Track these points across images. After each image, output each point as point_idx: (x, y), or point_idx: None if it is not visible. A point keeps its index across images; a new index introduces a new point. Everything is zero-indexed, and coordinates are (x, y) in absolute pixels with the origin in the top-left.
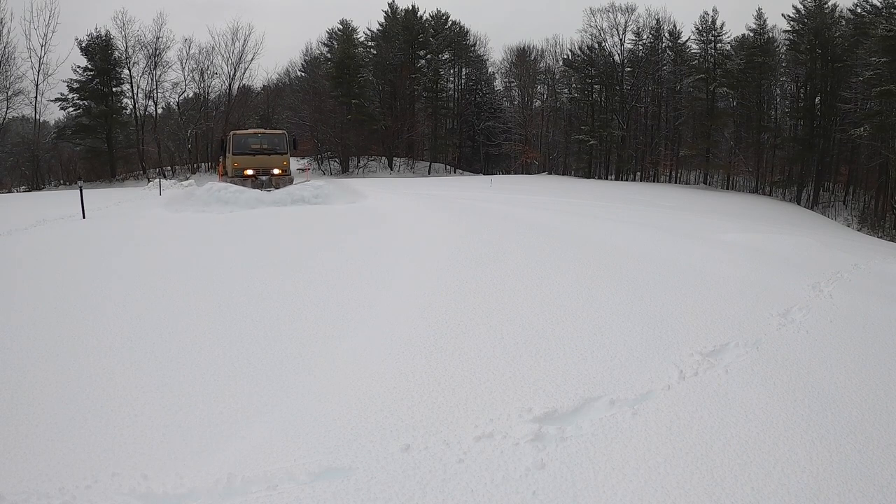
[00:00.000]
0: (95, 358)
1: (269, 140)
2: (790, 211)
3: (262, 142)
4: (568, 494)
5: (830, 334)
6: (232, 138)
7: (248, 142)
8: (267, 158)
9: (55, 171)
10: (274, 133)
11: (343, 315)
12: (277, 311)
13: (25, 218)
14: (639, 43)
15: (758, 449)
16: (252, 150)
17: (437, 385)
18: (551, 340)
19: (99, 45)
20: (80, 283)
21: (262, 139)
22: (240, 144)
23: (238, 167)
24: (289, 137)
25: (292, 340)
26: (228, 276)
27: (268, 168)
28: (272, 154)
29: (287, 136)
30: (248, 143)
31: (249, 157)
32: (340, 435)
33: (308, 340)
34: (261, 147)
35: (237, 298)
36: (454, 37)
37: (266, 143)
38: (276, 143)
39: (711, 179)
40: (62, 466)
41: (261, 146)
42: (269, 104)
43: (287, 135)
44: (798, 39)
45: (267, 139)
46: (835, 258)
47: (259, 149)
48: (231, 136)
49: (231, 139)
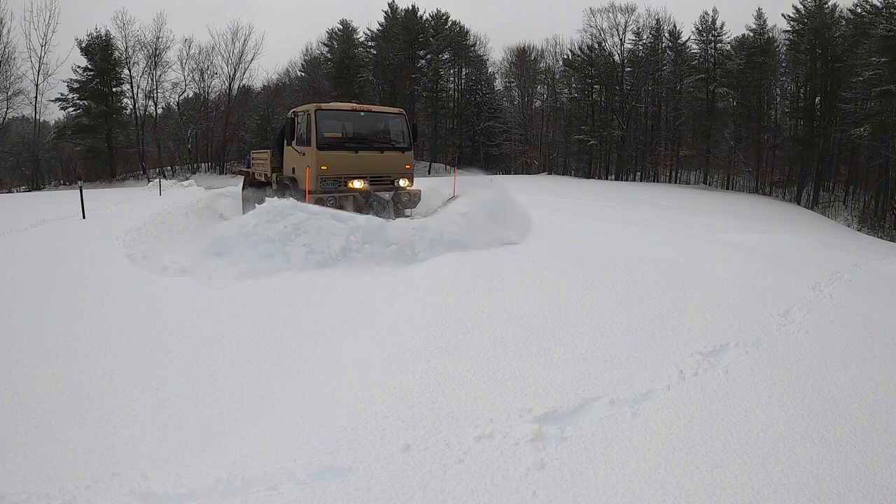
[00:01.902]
0: (95, 358)
1: (380, 124)
2: (790, 211)
3: (369, 127)
4: (568, 494)
5: (830, 334)
6: (315, 117)
7: (345, 126)
8: (380, 158)
9: (55, 171)
10: (388, 112)
11: (343, 318)
12: (277, 309)
13: (25, 218)
14: (639, 43)
15: (758, 449)
16: (355, 140)
17: (437, 385)
18: (551, 340)
19: (99, 45)
20: (80, 283)
21: (369, 121)
22: (331, 128)
23: (329, 171)
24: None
25: (293, 341)
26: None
27: (382, 175)
28: (387, 150)
29: (406, 118)
30: (346, 129)
31: (349, 156)
32: (340, 435)
33: (309, 341)
34: (368, 136)
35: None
36: (454, 37)
37: (376, 131)
38: (391, 129)
39: (711, 179)
40: (62, 466)
41: (368, 135)
42: (269, 104)
43: (406, 116)
44: (798, 39)
45: (377, 122)
46: (835, 258)
47: (365, 139)
48: (313, 112)
49: (313, 118)
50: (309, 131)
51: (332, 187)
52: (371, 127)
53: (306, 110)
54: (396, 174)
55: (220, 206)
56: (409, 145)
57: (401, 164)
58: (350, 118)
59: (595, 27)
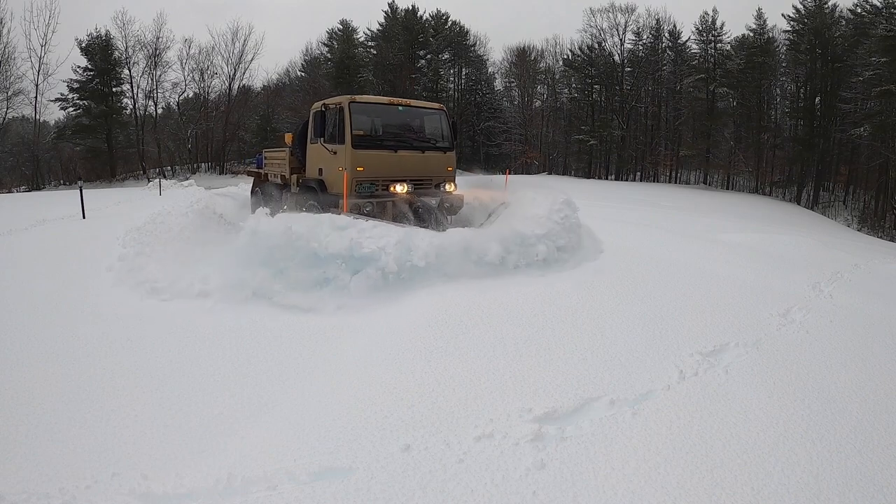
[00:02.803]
0: (95, 358)
1: (419, 120)
2: (790, 211)
3: (407, 123)
4: (568, 494)
5: (830, 334)
6: (349, 110)
7: (382, 122)
8: (421, 159)
9: (55, 171)
10: (428, 108)
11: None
12: (276, 309)
13: (25, 218)
14: (639, 43)
15: (758, 449)
16: (393, 138)
17: (437, 385)
18: (551, 340)
19: (99, 45)
20: (80, 283)
21: (407, 117)
22: (366, 124)
23: (365, 173)
24: (449, 117)
25: (293, 341)
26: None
27: (423, 178)
28: (428, 149)
29: (446, 113)
30: (383, 125)
31: (387, 156)
32: (340, 435)
33: (309, 341)
34: (407, 134)
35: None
36: (454, 37)
37: (415, 128)
38: (431, 126)
39: (711, 179)
40: (62, 466)
41: (407, 132)
42: (269, 104)
43: (446, 112)
44: (798, 39)
45: (416, 118)
46: (835, 258)
47: (404, 137)
48: (347, 105)
49: (346, 113)
50: (341, 127)
51: (369, 192)
52: (410, 123)
53: (338, 103)
54: (438, 176)
55: (220, 206)
56: (451, 144)
57: (443, 166)
58: (387, 113)
59: (595, 27)
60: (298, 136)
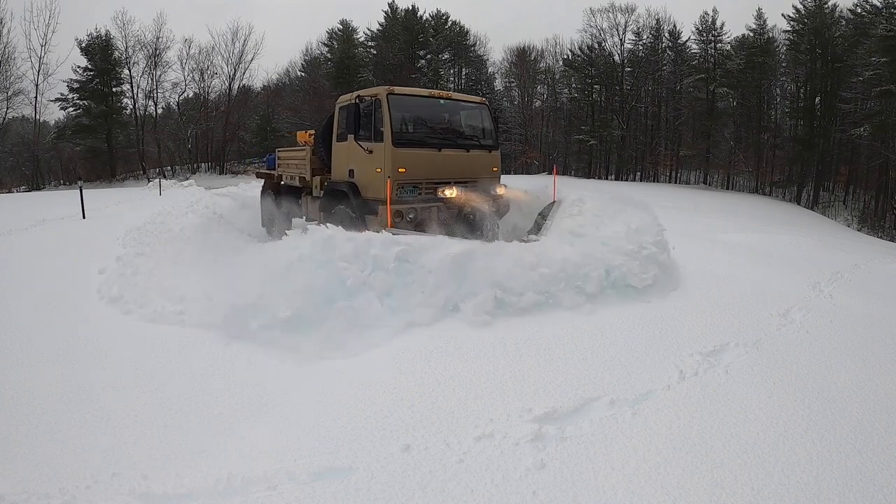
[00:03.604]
0: (95, 358)
1: (462, 115)
2: (790, 211)
3: (450, 118)
4: (568, 494)
5: (830, 334)
6: (388, 103)
7: (425, 116)
8: (466, 159)
9: (55, 171)
10: (470, 101)
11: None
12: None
13: (26, 218)
14: (639, 43)
15: (758, 449)
16: (436, 135)
17: (437, 385)
18: (551, 340)
19: (99, 45)
20: (81, 283)
21: (450, 111)
22: (407, 119)
23: (407, 175)
24: (492, 112)
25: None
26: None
27: (467, 180)
28: (473, 147)
29: (489, 108)
30: (427, 121)
31: (431, 156)
32: (340, 435)
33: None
34: (450, 130)
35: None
36: (454, 37)
37: (458, 123)
38: (475, 122)
39: (711, 179)
40: (62, 466)
41: (450, 128)
42: (269, 104)
43: (489, 106)
44: (798, 39)
45: (459, 112)
46: (835, 258)
47: (447, 134)
48: (384, 97)
49: (385, 105)
50: (379, 122)
51: (411, 196)
52: (452, 118)
53: (374, 95)
54: (483, 178)
55: (220, 206)
56: (495, 142)
57: (488, 166)
58: (428, 107)
59: (595, 27)
60: (322, 134)
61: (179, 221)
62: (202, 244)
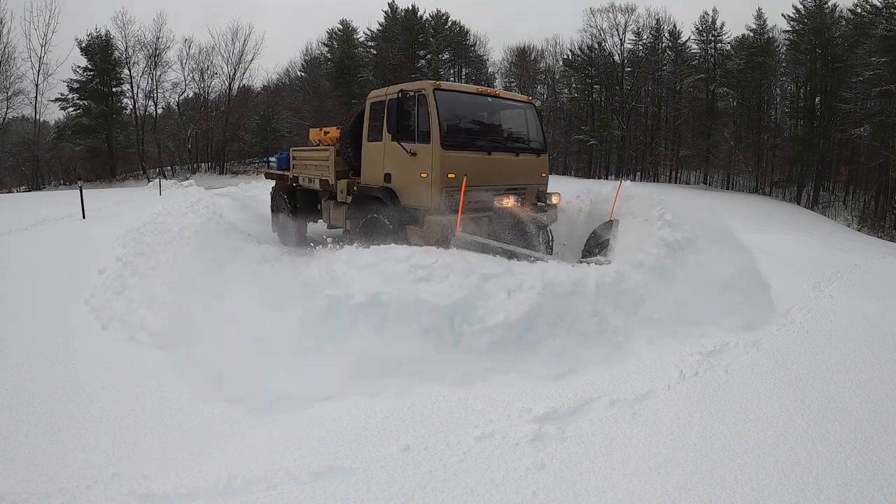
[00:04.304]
0: (95, 358)
1: (509, 115)
2: (790, 211)
3: (497, 118)
4: (568, 494)
5: (830, 334)
6: (434, 99)
7: (473, 115)
8: (516, 164)
9: (55, 171)
10: (518, 100)
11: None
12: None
13: (26, 218)
14: (639, 43)
15: (758, 449)
16: (485, 137)
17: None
18: None
19: (99, 45)
20: (80, 282)
21: (497, 110)
22: (459, 118)
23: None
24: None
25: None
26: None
27: (516, 187)
28: (523, 151)
29: (536, 108)
30: (476, 120)
31: (480, 160)
32: (340, 435)
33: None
34: (499, 132)
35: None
36: (454, 37)
37: (506, 124)
38: (521, 124)
39: (711, 179)
40: (62, 466)
41: (498, 130)
42: (269, 104)
43: (535, 107)
44: (798, 39)
45: (506, 112)
46: (835, 258)
47: (496, 136)
48: (431, 93)
49: (432, 102)
50: (423, 121)
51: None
52: (500, 119)
53: (419, 89)
54: (532, 184)
55: (220, 206)
56: (544, 145)
57: (537, 172)
58: (476, 105)
59: (595, 27)
60: (349, 132)
61: (179, 221)
62: (202, 244)
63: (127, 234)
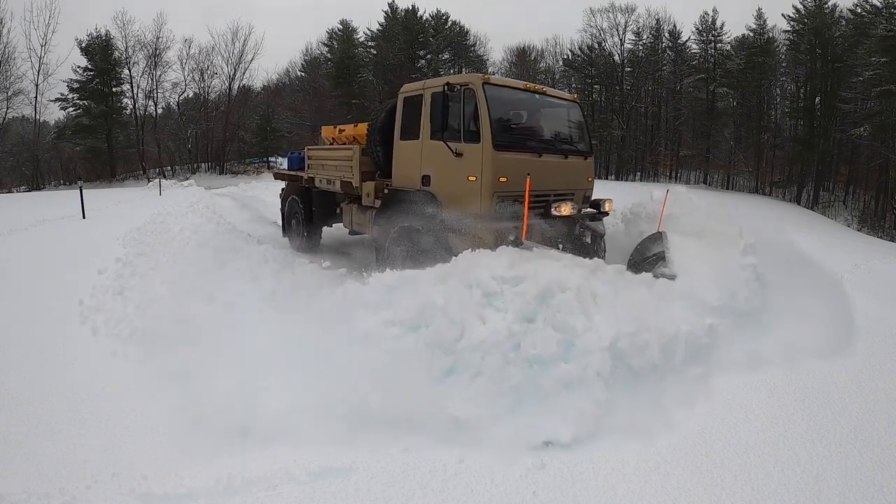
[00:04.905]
0: (95, 358)
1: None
2: (790, 211)
3: (545, 117)
4: (568, 494)
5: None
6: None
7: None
8: (565, 166)
9: (55, 171)
10: (563, 98)
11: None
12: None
13: (26, 218)
14: (639, 43)
15: (758, 449)
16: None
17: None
18: None
19: (99, 45)
20: (80, 282)
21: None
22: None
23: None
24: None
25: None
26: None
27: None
28: (571, 153)
29: (581, 107)
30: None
31: (530, 162)
32: (341, 435)
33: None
34: (547, 132)
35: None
36: (454, 37)
37: (554, 124)
38: (568, 123)
39: (711, 179)
40: (62, 466)
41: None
42: (269, 104)
43: (581, 106)
44: (798, 39)
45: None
46: (835, 258)
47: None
48: (480, 87)
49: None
50: (470, 118)
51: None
52: (547, 117)
53: (466, 83)
54: (580, 189)
55: (220, 206)
56: (590, 147)
57: (584, 175)
58: (525, 103)
59: (595, 27)
60: (378, 130)
61: (179, 221)
62: (202, 244)
63: (127, 234)
